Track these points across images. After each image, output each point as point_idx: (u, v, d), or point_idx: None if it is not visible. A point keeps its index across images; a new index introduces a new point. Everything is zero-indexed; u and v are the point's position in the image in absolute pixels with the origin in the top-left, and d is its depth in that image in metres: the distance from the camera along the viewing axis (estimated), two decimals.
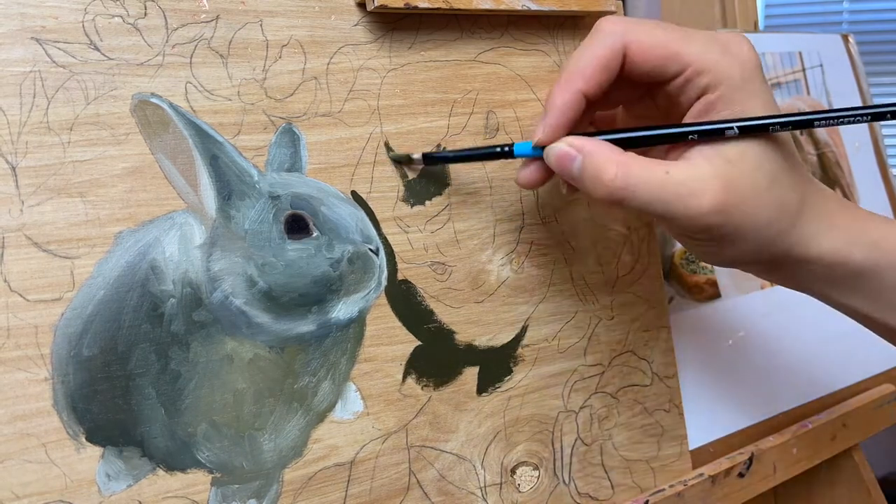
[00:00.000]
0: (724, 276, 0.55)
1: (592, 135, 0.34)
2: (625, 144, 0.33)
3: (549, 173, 0.35)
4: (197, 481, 0.31)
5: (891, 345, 0.38)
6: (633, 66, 0.34)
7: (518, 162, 0.37)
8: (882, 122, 0.48)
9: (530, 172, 0.36)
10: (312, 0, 0.35)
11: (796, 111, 0.36)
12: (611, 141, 0.33)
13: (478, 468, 0.38)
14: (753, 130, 0.32)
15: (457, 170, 0.39)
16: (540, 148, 0.34)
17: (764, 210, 0.32)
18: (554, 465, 0.41)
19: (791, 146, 0.34)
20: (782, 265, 0.35)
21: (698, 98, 0.33)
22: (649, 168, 0.31)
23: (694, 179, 0.31)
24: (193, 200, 0.32)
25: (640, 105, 0.38)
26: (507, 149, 0.35)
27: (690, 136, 0.32)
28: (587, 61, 0.33)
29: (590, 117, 0.38)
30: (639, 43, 0.33)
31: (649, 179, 0.31)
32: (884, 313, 0.35)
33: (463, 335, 0.38)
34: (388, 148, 0.36)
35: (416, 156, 0.36)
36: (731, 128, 0.32)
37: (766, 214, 0.32)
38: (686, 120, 0.34)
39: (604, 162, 0.32)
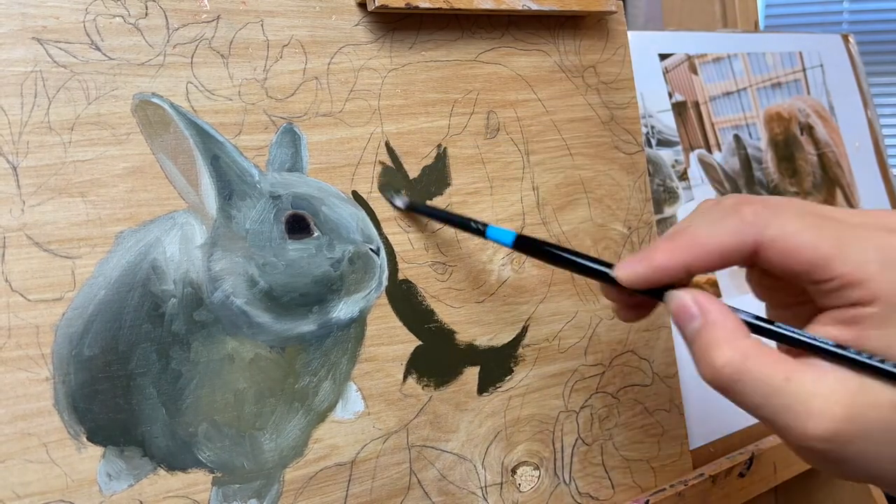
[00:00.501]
0: (725, 277, 0.55)
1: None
2: (754, 328, 0.29)
3: (642, 310, 0.33)
4: (198, 481, 0.31)
5: None
6: (768, 262, 0.29)
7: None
8: (882, 122, 0.48)
9: (630, 313, 0.33)
10: (313, 0, 0.35)
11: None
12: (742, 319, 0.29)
13: (478, 468, 0.38)
14: None
15: (457, 170, 0.39)
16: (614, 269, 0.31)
17: (889, 448, 0.27)
18: (554, 464, 0.41)
19: None
20: None
21: (845, 307, 0.28)
22: (769, 368, 0.27)
23: (815, 397, 0.27)
24: (194, 200, 0.32)
25: (770, 277, 0.32)
26: (480, 227, 0.34)
27: (829, 357, 0.28)
28: (707, 242, 0.29)
29: None
30: (781, 241, 0.28)
31: (764, 382, 0.27)
32: None
33: (463, 335, 0.38)
34: (383, 187, 0.36)
35: (399, 203, 0.36)
36: (882, 365, 0.27)
37: (892, 452, 0.27)
38: (825, 322, 0.29)
39: (721, 341, 0.28)
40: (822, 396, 0.27)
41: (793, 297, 0.32)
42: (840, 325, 0.28)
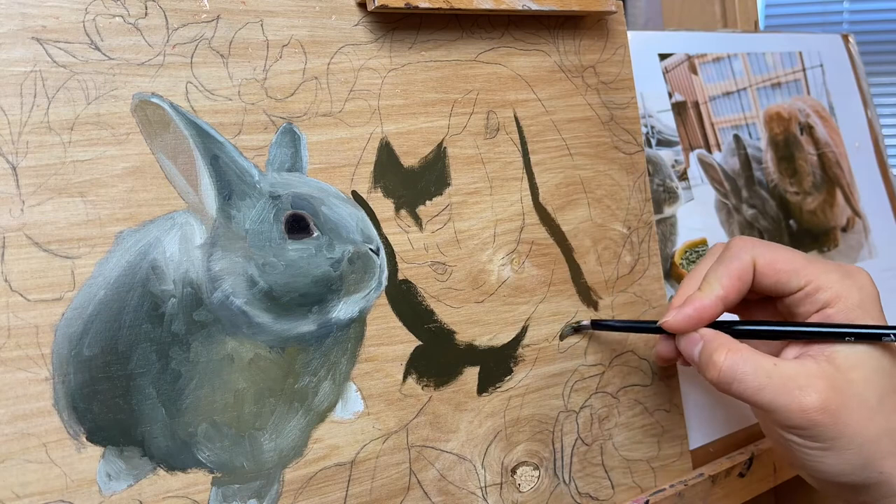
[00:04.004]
0: None
1: (717, 325, 0.38)
2: (739, 336, 0.37)
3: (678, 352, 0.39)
4: (197, 481, 0.31)
5: None
6: (760, 277, 0.37)
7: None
8: (882, 122, 0.49)
9: (667, 349, 0.40)
10: (313, 0, 0.35)
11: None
12: (728, 332, 0.37)
13: (478, 468, 0.38)
14: (866, 338, 0.34)
15: (457, 170, 0.39)
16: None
17: (870, 424, 0.33)
18: (554, 464, 0.41)
19: None
20: (869, 490, 0.35)
21: (817, 311, 0.36)
22: (758, 357, 0.34)
23: (801, 375, 0.34)
24: (194, 200, 0.32)
25: (762, 313, 0.41)
26: (658, 323, 0.39)
27: (802, 337, 0.36)
28: (726, 273, 0.37)
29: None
30: (765, 258, 0.37)
31: (757, 367, 0.34)
32: None
33: (463, 335, 0.38)
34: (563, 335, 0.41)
35: (585, 322, 0.41)
36: (845, 334, 0.35)
37: (873, 430, 0.33)
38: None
39: (718, 346, 0.35)
40: (806, 374, 0.34)
41: (775, 317, 0.40)
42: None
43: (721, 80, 0.60)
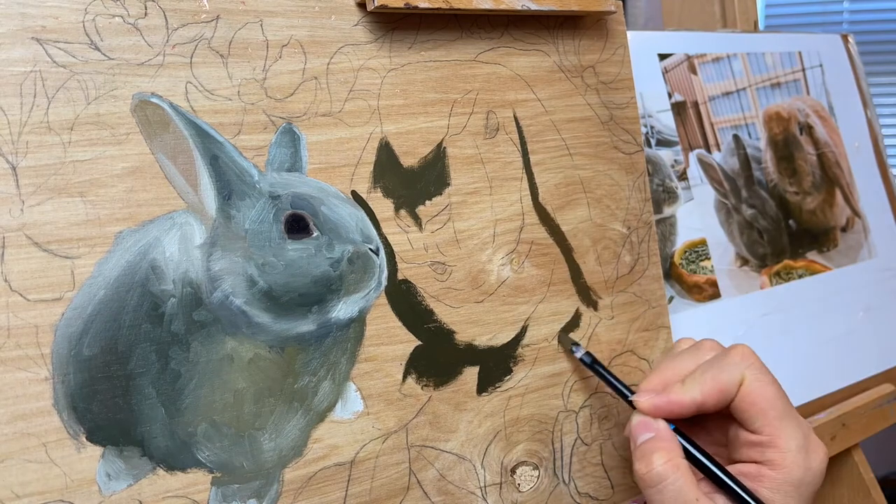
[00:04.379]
0: (724, 277, 0.55)
1: (677, 432, 0.37)
2: (690, 458, 0.36)
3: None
4: (197, 481, 0.31)
5: (891, 344, 0.38)
6: (739, 395, 0.36)
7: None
8: (882, 122, 0.48)
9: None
10: (312, 0, 0.35)
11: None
12: (685, 451, 0.36)
13: (478, 468, 0.38)
14: None
15: (456, 170, 0.39)
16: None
17: None
18: (554, 464, 0.41)
19: None
20: None
21: (756, 462, 0.36)
22: (689, 486, 0.34)
23: None
24: (194, 200, 0.32)
25: (716, 418, 0.39)
26: (630, 397, 0.38)
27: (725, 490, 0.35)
28: (712, 381, 0.36)
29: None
30: (749, 386, 0.36)
31: (682, 492, 0.34)
32: None
33: (463, 335, 0.38)
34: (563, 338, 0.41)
35: (580, 354, 0.40)
36: None
37: None
38: (733, 471, 0.37)
39: (664, 451, 0.35)
40: None
41: (713, 448, 0.39)
42: (742, 476, 0.36)
43: (720, 80, 0.60)
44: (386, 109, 0.37)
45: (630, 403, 0.38)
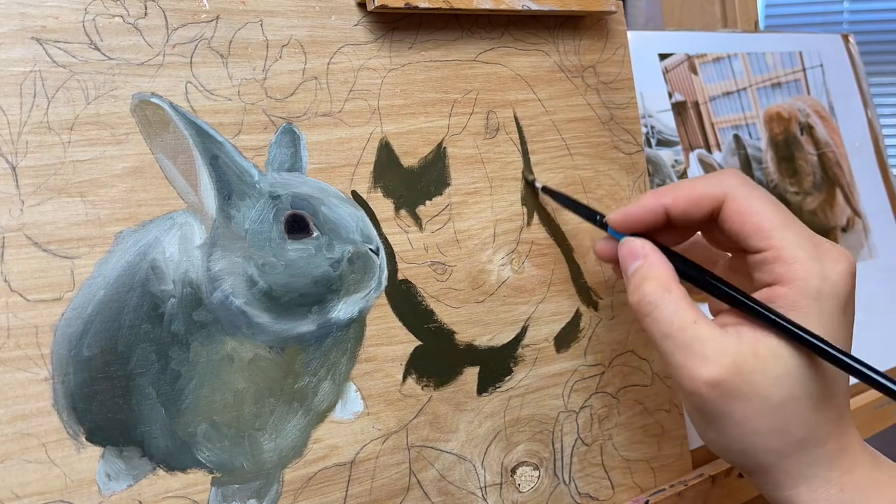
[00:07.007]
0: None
1: (670, 253, 0.34)
2: (685, 276, 0.34)
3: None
4: (197, 481, 0.31)
5: (891, 344, 0.38)
6: (725, 221, 0.33)
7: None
8: (882, 122, 0.48)
9: (607, 247, 0.37)
10: (313, 0, 0.35)
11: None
12: (678, 267, 0.33)
13: (478, 468, 0.38)
14: (799, 341, 0.30)
15: (456, 170, 0.39)
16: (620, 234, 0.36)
17: (761, 419, 0.30)
18: (554, 465, 0.41)
19: (839, 393, 0.32)
20: (751, 476, 0.33)
21: (767, 285, 0.32)
22: (683, 308, 0.31)
23: (713, 343, 0.30)
24: (194, 200, 0.32)
25: (736, 261, 0.36)
26: (602, 220, 0.37)
27: (736, 306, 0.32)
28: (685, 188, 0.34)
29: (689, 235, 0.38)
30: (738, 202, 0.32)
31: (675, 315, 0.31)
32: None
33: (463, 335, 0.38)
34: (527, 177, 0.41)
35: (538, 185, 0.40)
36: (771, 317, 0.31)
37: (763, 424, 0.31)
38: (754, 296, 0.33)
39: (654, 276, 0.32)
40: (717, 343, 0.30)
41: (737, 265, 0.36)
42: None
43: (721, 80, 0.60)
44: (386, 109, 0.37)
45: (601, 226, 0.36)
